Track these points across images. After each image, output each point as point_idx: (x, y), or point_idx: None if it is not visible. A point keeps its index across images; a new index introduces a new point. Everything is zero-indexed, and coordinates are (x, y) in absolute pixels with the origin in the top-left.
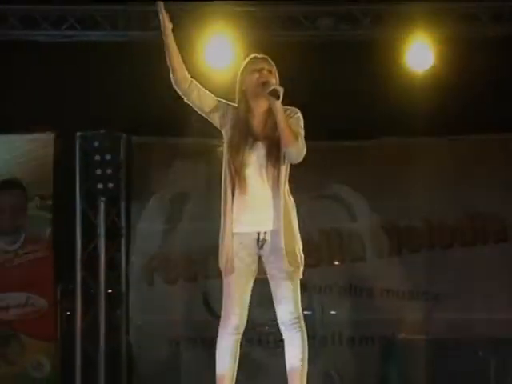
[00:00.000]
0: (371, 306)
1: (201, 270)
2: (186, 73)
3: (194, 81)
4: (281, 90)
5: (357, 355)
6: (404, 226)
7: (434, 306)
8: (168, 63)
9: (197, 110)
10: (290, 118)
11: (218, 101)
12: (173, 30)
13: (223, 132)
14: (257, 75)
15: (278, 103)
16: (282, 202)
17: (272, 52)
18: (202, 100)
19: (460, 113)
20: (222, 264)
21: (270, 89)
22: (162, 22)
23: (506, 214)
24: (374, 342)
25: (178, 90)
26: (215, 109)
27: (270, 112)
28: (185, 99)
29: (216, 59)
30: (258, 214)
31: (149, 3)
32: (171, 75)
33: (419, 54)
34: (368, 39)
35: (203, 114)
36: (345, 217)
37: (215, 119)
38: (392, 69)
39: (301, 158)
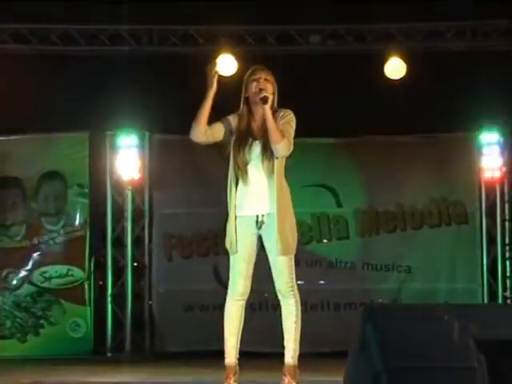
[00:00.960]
0: (353, 277)
1: (211, 247)
2: (207, 127)
3: (208, 129)
4: (269, 97)
5: (342, 318)
6: (381, 210)
7: (405, 277)
8: (198, 115)
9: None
10: (284, 117)
11: (223, 122)
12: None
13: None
14: (255, 84)
15: (267, 107)
16: (277, 190)
17: (271, 64)
18: (215, 137)
19: (428, 114)
20: (227, 245)
21: (261, 95)
22: (210, 82)
23: (467, 201)
24: (356, 307)
25: (193, 139)
26: (225, 133)
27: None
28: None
29: (224, 69)
30: (256, 200)
31: (160, 23)
32: (194, 125)
33: (394, 65)
34: (351, 53)
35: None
36: (332, 203)
37: (229, 139)
38: (371, 78)
39: (287, 153)
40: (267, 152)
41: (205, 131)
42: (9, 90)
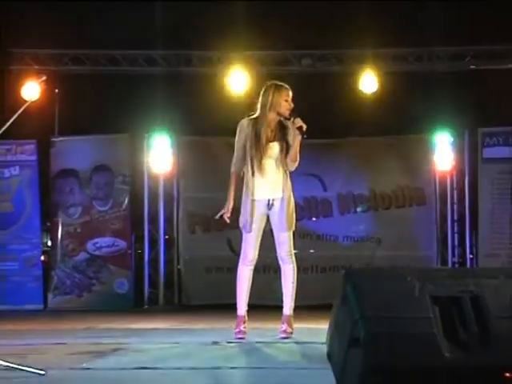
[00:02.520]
0: (336, 247)
1: (225, 223)
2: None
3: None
4: (302, 126)
5: (327, 279)
6: (357, 194)
7: (377, 246)
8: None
9: None
10: (293, 133)
11: (240, 132)
12: None
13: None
14: (286, 102)
15: (300, 137)
16: (283, 180)
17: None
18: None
19: (395, 120)
20: (241, 223)
21: (299, 126)
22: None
23: (425, 187)
24: (338, 270)
25: None
26: (243, 142)
27: (279, 124)
28: None
29: (235, 85)
30: (269, 188)
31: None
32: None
33: (368, 81)
34: (334, 72)
35: None
36: (319, 188)
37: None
38: (350, 91)
39: (294, 168)
40: (283, 153)
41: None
42: (69, 101)
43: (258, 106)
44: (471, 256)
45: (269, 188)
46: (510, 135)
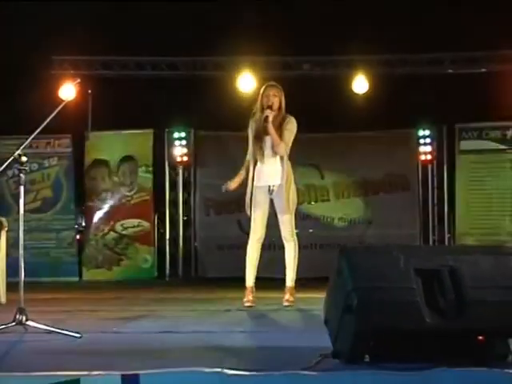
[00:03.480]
0: (332, 227)
1: (235, 207)
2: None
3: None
4: (269, 116)
5: (324, 255)
6: (351, 181)
7: (367, 226)
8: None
9: None
10: (287, 124)
11: (249, 129)
12: None
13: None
14: (266, 99)
15: (269, 125)
16: (283, 169)
17: (276, 82)
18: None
19: (384, 117)
20: (247, 209)
21: (264, 116)
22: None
23: (409, 175)
24: (334, 247)
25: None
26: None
27: (273, 119)
28: None
29: (244, 86)
30: (269, 175)
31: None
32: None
33: (359, 83)
34: (331, 76)
35: None
36: (318, 177)
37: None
38: (344, 92)
39: (283, 153)
40: (279, 148)
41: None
42: (101, 101)
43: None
44: (449, 235)
45: (268, 176)
46: (482, 130)
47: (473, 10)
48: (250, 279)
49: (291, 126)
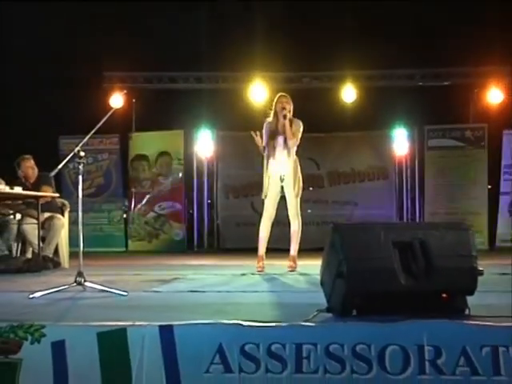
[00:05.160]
0: (326, 208)
1: (250, 192)
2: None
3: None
4: (287, 114)
5: (320, 230)
6: (341, 171)
7: (354, 207)
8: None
9: None
10: (296, 126)
11: (264, 129)
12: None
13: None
14: (280, 105)
15: (286, 121)
16: (290, 161)
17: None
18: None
19: (367, 120)
20: (263, 195)
21: (283, 113)
22: (259, 145)
23: (388, 167)
24: (327, 224)
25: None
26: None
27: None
28: None
29: (256, 96)
30: (280, 167)
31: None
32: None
33: (349, 93)
34: (325, 88)
35: None
36: (314, 168)
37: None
38: (336, 101)
39: (295, 145)
40: (286, 143)
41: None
42: (142, 108)
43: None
44: (419, 214)
45: (279, 167)
46: (446, 131)
47: (438, 35)
48: (261, 250)
49: (299, 126)
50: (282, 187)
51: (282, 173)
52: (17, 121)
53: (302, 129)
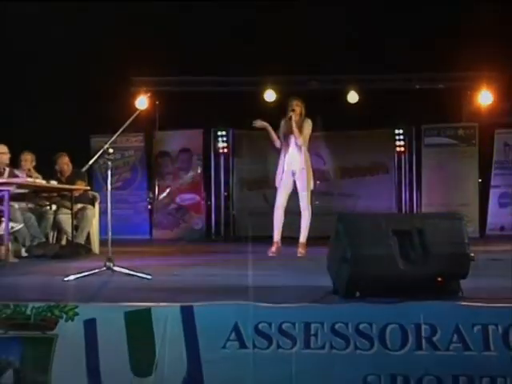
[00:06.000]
0: (332, 200)
1: (262, 184)
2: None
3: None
4: (292, 116)
5: (327, 220)
6: (346, 166)
7: (357, 200)
8: (272, 139)
9: None
10: (305, 124)
11: (280, 128)
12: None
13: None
14: (290, 108)
15: (292, 122)
16: (301, 157)
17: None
18: None
19: (369, 120)
20: (277, 183)
21: (288, 117)
22: (263, 127)
23: (388, 162)
24: (334, 215)
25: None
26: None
27: (294, 123)
28: None
29: (268, 98)
30: (292, 163)
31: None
32: (274, 142)
33: (352, 95)
34: (331, 90)
35: None
36: (321, 163)
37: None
38: (341, 102)
39: (302, 143)
40: (298, 141)
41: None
42: (165, 109)
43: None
44: (416, 205)
45: (291, 163)
46: (440, 130)
47: (434, 43)
48: (275, 236)
49: (308, 125)
50: (295, 181)
51: (293, 168)
52: (54, 122)
53: (310, 127)
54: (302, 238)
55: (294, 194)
